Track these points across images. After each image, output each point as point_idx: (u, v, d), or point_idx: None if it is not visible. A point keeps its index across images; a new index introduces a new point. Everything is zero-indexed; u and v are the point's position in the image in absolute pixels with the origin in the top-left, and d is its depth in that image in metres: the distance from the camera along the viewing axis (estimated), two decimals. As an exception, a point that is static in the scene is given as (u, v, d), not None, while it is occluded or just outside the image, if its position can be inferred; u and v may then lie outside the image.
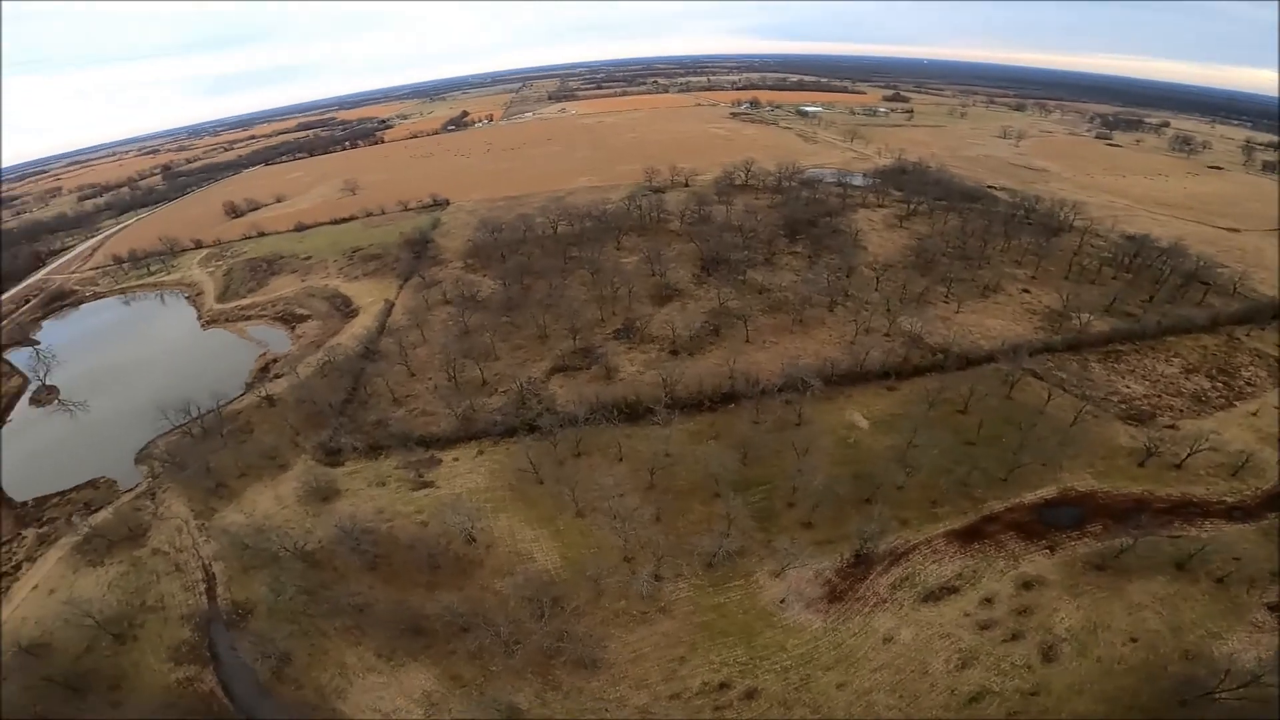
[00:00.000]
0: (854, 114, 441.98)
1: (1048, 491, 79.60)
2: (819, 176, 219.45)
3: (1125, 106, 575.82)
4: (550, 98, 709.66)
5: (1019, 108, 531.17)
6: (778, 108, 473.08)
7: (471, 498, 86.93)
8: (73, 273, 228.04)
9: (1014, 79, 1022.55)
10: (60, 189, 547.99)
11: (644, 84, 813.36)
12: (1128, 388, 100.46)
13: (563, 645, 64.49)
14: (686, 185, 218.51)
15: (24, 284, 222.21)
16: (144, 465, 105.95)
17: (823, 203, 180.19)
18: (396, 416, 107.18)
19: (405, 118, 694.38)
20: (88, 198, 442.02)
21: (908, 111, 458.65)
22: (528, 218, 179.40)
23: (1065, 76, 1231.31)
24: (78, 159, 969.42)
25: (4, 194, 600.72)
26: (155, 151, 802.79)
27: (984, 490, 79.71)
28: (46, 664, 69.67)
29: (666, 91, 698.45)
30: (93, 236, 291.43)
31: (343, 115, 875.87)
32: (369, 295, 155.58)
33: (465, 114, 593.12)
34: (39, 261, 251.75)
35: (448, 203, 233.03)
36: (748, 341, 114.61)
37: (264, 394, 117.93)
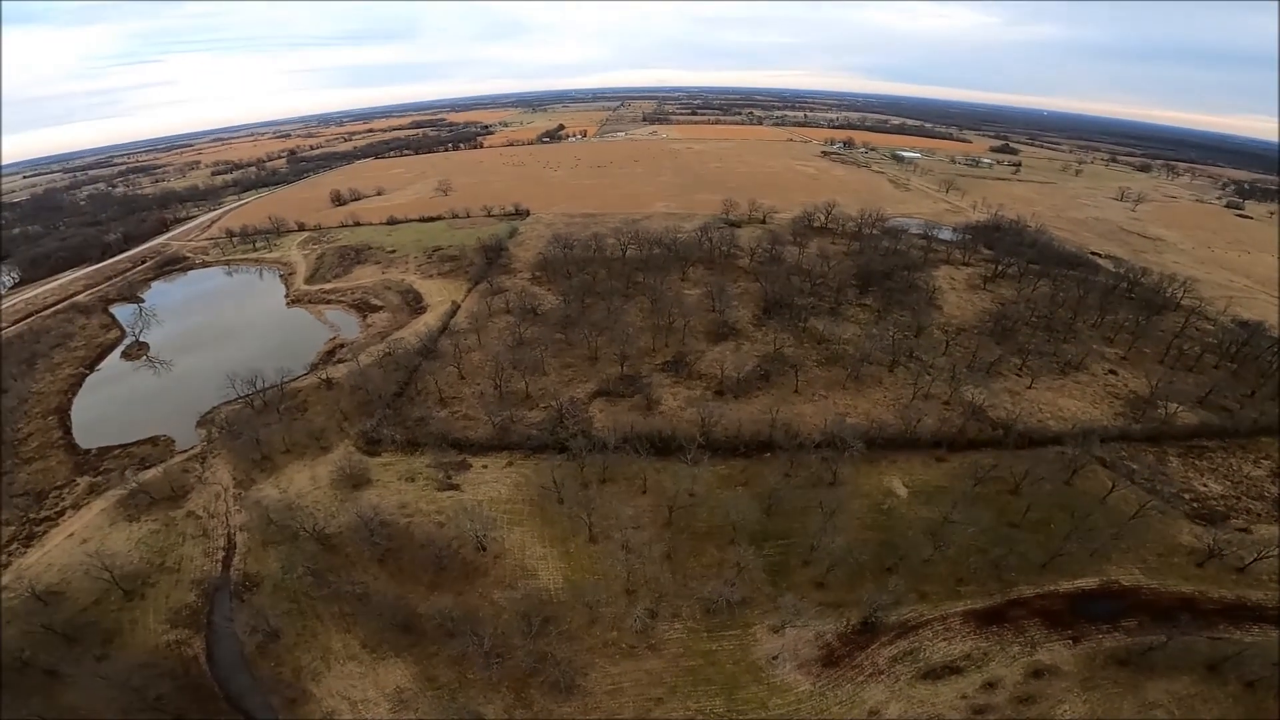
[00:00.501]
0: (954, 163, 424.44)
1: (1087, 582, 74.78)
2: (903, 226, 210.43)
3: (1265, 173, 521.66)
4: (645, 119, 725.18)
5: (1144, 168, 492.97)
6: (872, 150, 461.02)
7: (491, 507, 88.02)
8: (189, 240, 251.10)
9: (1143, 136, 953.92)
10: (199, 162, 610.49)
11: (739, 114, 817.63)
12: (1204, 486, 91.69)
13: (543, 666, 64.51)
14: (763, 222, 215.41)
15: (146, 245, 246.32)
16: (204, 429, 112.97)
17: (902, 255, 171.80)
18: (439, 416, 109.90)
19: (506, 125, 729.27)
20: (220, 173, 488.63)
21: (1015, 164, 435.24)
22: (600, 237, 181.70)
23: (1204, 137, 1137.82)
24: (221, 136, 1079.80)
25: (149, 162, 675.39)
26: (287, 135, 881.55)
27: (1017, 574, 74.68)
28: (52, 611, 73.77)
29: (761, 124, 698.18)
30: (214, 209, 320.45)
31: (452, 117, 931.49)
32: (439, 294, 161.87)
33: (561, 127, 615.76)
34: (164, 227, 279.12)
35: (528, 213, 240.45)
36: (796, 392, 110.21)
37: (325, 376, 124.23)
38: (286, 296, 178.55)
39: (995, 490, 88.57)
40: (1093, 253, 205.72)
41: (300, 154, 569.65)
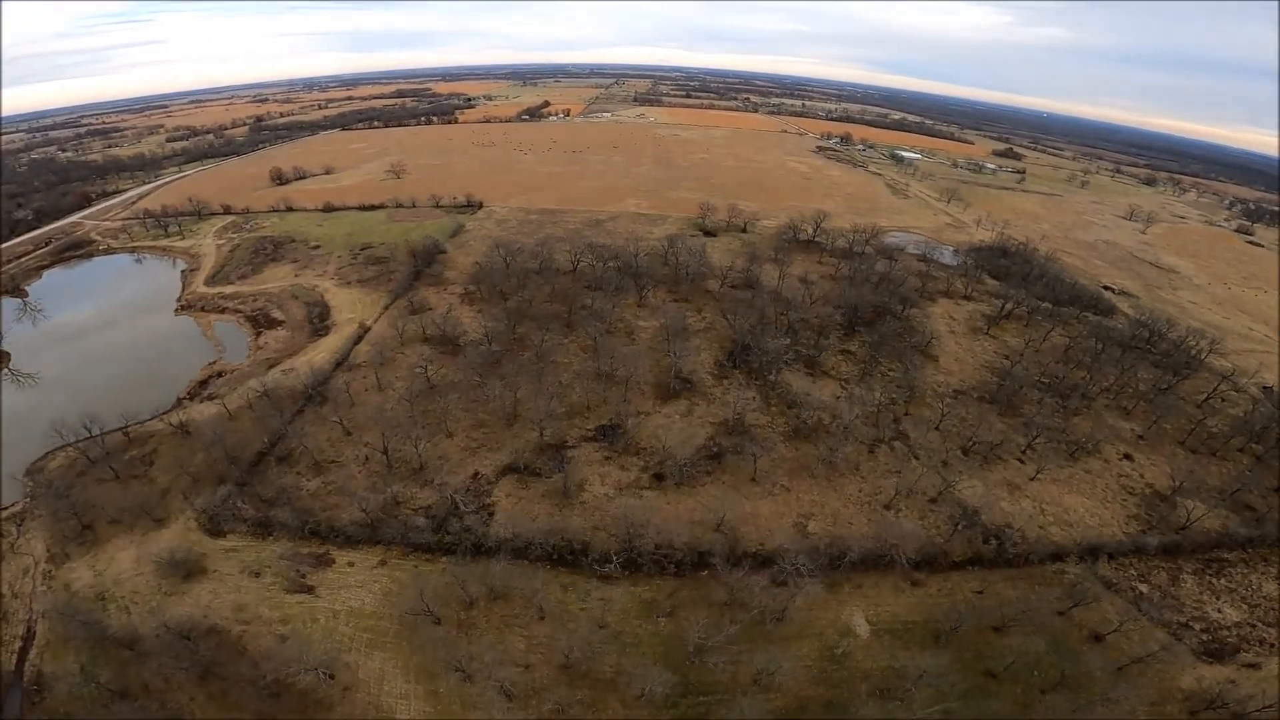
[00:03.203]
0: (955, 167, 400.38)
1: (1060, 745, 61.16)
2: (900, 244, 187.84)
3: (1267, 190, 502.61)
4: (635, 100, 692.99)
5: (1149, 181, 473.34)
6: (870, 147, 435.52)
7: (350, 620, 70.71)
8: (105, 220, 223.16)
9: (1144, 144, 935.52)
10: (163, 126, 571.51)
11: (735, 99, 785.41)
12: (1219, 612, 75.87)
13: None
14: (743, 230, 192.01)
15: (55, 225, 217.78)
16: (30, 480, 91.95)
17: (898, 284, 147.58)
18: (307, 489, 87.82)
19: (490, 99, 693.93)
20: (176, 140, 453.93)
21: (1019, 172, 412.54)
22: (551, 243, 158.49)
23: (1204, 148, 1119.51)
24: (199, 98, 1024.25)
25: (113, 124, 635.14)
26: (264, 100, 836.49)
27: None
28: None
29: (756, 111, 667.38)
30: (148, 183, 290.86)
31: (439, 88, 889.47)
32: (350, 311, 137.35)
33: (546, 104, 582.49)
34: (86, 202, 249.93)
35: (481, 205, 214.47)
36: (753, 480, 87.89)
37: (181, 421, 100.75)
38: (178, 300, 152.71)
39: (978, 626, 70.79)
40: (1106, 287, 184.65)
41: (265, 122, 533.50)
